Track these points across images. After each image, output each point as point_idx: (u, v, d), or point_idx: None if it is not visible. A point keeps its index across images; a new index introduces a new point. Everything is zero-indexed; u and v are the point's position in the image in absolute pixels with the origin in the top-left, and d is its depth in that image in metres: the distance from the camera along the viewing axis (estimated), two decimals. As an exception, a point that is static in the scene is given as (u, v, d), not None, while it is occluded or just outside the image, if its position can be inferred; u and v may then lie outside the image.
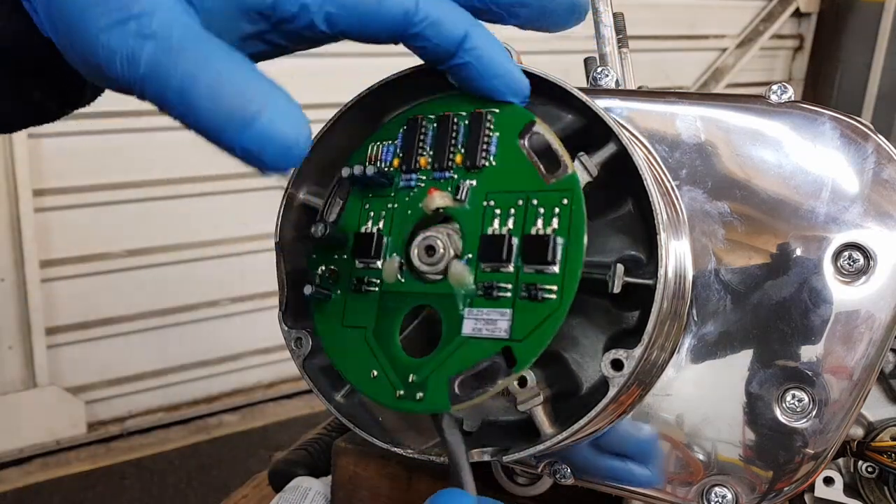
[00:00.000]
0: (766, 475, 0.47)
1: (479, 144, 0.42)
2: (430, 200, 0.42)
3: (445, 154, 0.43)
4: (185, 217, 2.23)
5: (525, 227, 0.40)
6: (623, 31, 0.60)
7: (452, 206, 0.42)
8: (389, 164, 0.44)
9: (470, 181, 0.42)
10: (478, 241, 0.41)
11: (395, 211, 0.44)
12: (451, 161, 0.43)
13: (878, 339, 0.46)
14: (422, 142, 0.44)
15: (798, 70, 3.28)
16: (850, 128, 0.47)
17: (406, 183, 0.44)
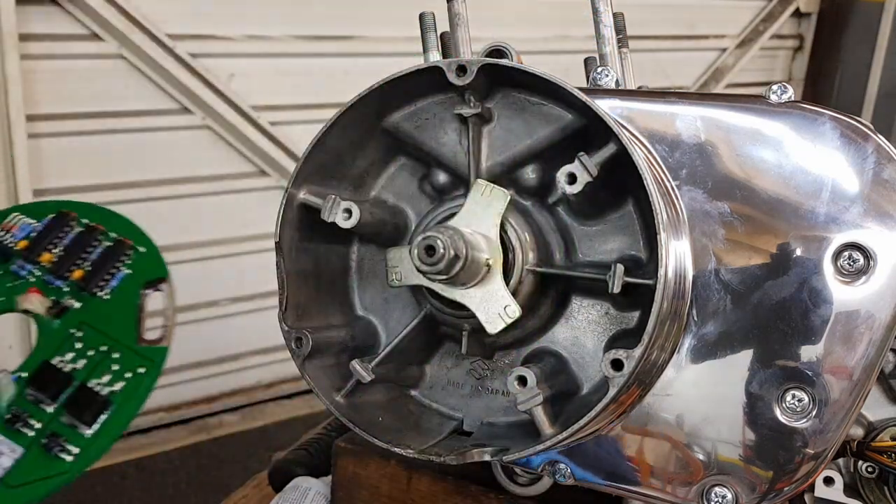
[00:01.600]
0: (766, 475, 0.47)
1: (102, 272, 0.43)
2: (26, 300, 0.42)
3: (69, 263, 0.43)
4: (185, 217, 2.22)
5: (91, 375, 0.41)
6: (623, 31, 0.60)
7: (42, 315, 0.42)
8: (16, 241, 0.45)
9: (75, 302, 0.42)
10: (42, 367, 0.41)
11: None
12: (69, 273, 0.43)
13: (878, 339, 0.46)
14: (57, 239, 0.44)
15: (798, 70, 3.28)
16: (850, 128, 0.47)
17: (18, 269, 0.44)
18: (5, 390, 0.40)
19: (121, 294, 0.42)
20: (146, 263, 0.42)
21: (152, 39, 1.98)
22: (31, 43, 1.85)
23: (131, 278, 0.42)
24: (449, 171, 0.51)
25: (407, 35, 2.16)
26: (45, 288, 0.42)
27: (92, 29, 1.92)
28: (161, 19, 1.99)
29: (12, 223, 0.44)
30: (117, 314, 0.41)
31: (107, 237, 0.43)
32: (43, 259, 0.43)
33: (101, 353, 0.40)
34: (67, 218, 0.43)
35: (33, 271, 0.43)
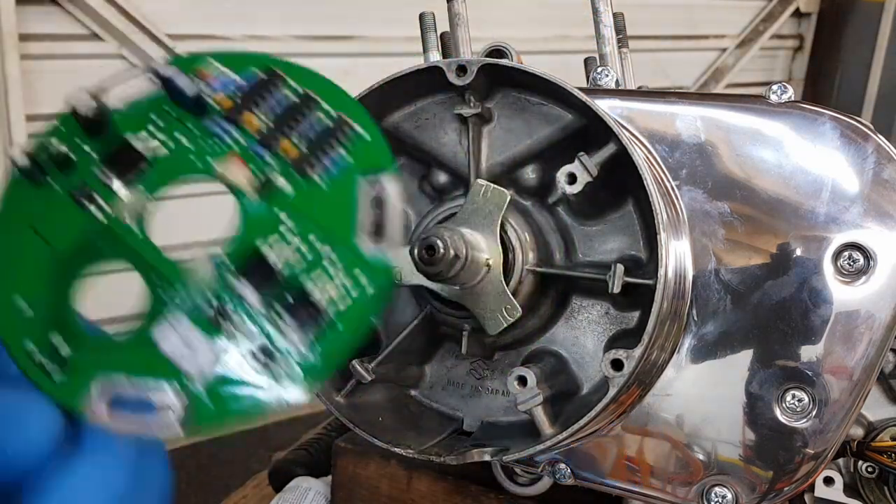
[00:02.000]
0: (766, 475, 0.47)
1: (323, 154, 0.33)
2: (228, 168, 0.34)
3: (281, 134, 0.34)
4: (185, 217, 2.22)
5: (303, 277, 0.32)
6: (623, 31, 0.60)
7: (245, 191, 0.34)
8: (214, 95, 0.35)
9: (285, 182, 0.33)
10: (246, 253, 0.33)
11: (180, 147, 0.35)
12: (279, 147, 0.34)
13: (878, 339, 0.46)
14: (265, 103, 0.35)
15: (798, 70, 3.28)
16: (850, 128, 0.47)
17: (216, 128, 0.35)
18: (201, 272, 0.33)
19: (340, 185, 0.33)
20: (369, 153, 0.33)
21: (152, 39, 1.98)
22: (31, 43, 1.85)
23: (352, 168, 0.33)
24: (449, 171, 0.51)
25: (407, 35, 2.16)
26: (249, 159, 0.34)
27: (92, 29, 1.92)
28: (161, 19, 1.99)
29: (207, 70, 0.35)
30: (335, 208, 0.33)
31: (326, 113, 0.34)
32: (248, 124, 0.35)
33: (315, 250, 0.32)
34: (277, 79, 0.35)
35: (235, 136, 0.35)
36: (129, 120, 0.35)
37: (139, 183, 0.34)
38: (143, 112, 0.35)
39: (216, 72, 0.35)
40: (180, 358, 0.31)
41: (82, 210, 0.34)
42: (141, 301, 0.33)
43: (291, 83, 0.34)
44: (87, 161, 0.35)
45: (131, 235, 0.34)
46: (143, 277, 0.34)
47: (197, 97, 0.35)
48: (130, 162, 0.35)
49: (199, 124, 0.35)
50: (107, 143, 0.35)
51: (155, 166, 0.35)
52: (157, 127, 0.35)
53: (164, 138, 0.35)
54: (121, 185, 0.34)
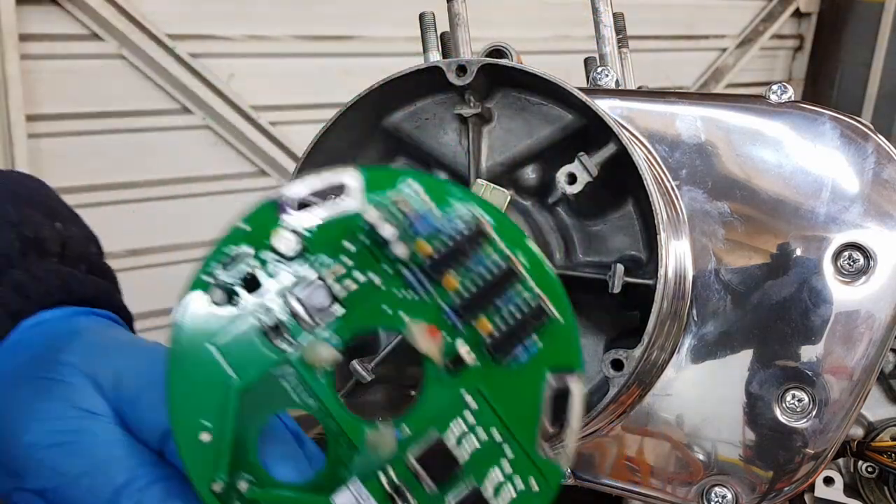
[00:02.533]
0: (766, 475, 0.47)
1: (517, 337, 0.31)
2: (420, 331, 0.31)
3: (481, 306, 0.31)
4: (185, 217, 2.22)
5: (479, 473, 0.30)
6: (623, 31, 0.60)
7: (435, 362, 0.31)
8: (412, 233, 0.31)
9: (476, 362, 0.31)
10: (428, 435, 0.31)
11: (372, 291, 0.31)
12: (474, 318, 0.31)
13: (878, 339, 0.46)
14: (468, 262, 0.31)
15: (798, 70, 3.28)
16: (850, 128, 0.47)
17: (412, 279, 0.31)
18: (385, 448, 0.31)
19: (527, 376, 0.31)
20: (560, 343, 0.31)
21: (152, 39, 1.98)
22: (31, 43, 1.86)
23: (541, 356, 0.31)
24: (449, 171, 0.51)
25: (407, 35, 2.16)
26: (443, 326, 0.31)
27: (92, 29, 1.92)
28: (161, 19, 2.00)
29: (408, 201, 0.31)
30: (520, 402, 0.31)
31: (529, 290, 0.31)
32: (448, 284, 0.31)
33: (492, 444, 0.31)
34: (483, 237, 0.31)
35: (432, 294, 0.31)
36: (323, 242, 0.31)
37: (328, 327, 0.31)
38: (337, 236, 0.31)
39: (417, 203, 0.31)
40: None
41: (268, 342, 0.31)
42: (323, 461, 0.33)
43: (498, 244, 0.31)
44: (280, 289, 0.31)
45: (319, 387, 0.32)
46: (325, 431, 0.33)
47: (400, 246, 0.31)
48: (325, 302, 0.32)
49: (396, 269, 0.31)
50: (300, 273, 0.31)
51: (346, 309, 0.31)
52: (349, 259, 0.31)
53: (357, 276, 0.31)
54: (309, 322, 0.31)
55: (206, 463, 0.31)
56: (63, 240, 0.48)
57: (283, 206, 0.31)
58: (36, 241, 0.46)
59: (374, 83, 0.48)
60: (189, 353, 0.31)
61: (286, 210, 0.31)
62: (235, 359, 0.31)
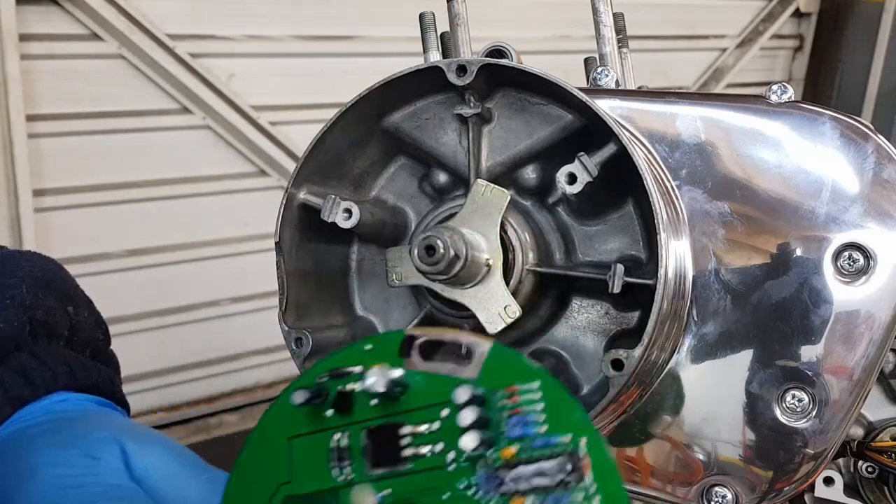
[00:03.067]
0: (766, 475, 0.47)
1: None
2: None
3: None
4: (185, 217, 2.23)
5: None
6: (623, 31, 0.60)
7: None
8: (504, 438, 0.28)
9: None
10: None
11: (442, 474, 0.30)
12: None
13: (878, 339, 0.46)
14: (549, 495, 0.27)
15: (798, 70, 3.28)
16: (850, 128, 0.47)
17: (482, 479, 0.29)
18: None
19: None
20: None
21: (152, 39, 1.98)
22: (31, 43, 1.86)
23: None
24: (449, 171, 0.51)
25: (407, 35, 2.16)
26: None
27: (92, 29, 1.92)
28: (161, 19, 2.00)
29: (522, 397, 0.28)
30: None
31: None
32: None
33: None
34: (576, 475, 0.27)
35: (493, 500, 0.28)
36: (423, 395, 0.30)
37: (384, 479, 0.30)
38: (437, 395, 0.30)
39: (530, 404, 0.28)
40: None
41: (329, 466, 0.31)
42: None
43: (588, 485, 0.27)
44: (363, 421, 0.30)
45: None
46: None
47: (488, 437, 0.28)
48: (391, 453, 0.30)
49: (474, 458, 0.29)
50: (389, 412, 0.30)
51: (406, 476, 0.30)
52: (437, 424, 0.29)
53: (435, 451, 0.29)
54: (371, 471, 0.30)
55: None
56: (73, 324, 0.48)
57: (411, 345, 0.30)
58: (47, 324, 0.46)
59: (374, 83, 0.47)
60: (271, 437, 0.31)
61: (411, 351, 0.30)
62: (301, 463, 0.31)
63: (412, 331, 0.31)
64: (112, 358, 0.52)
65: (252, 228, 2.36)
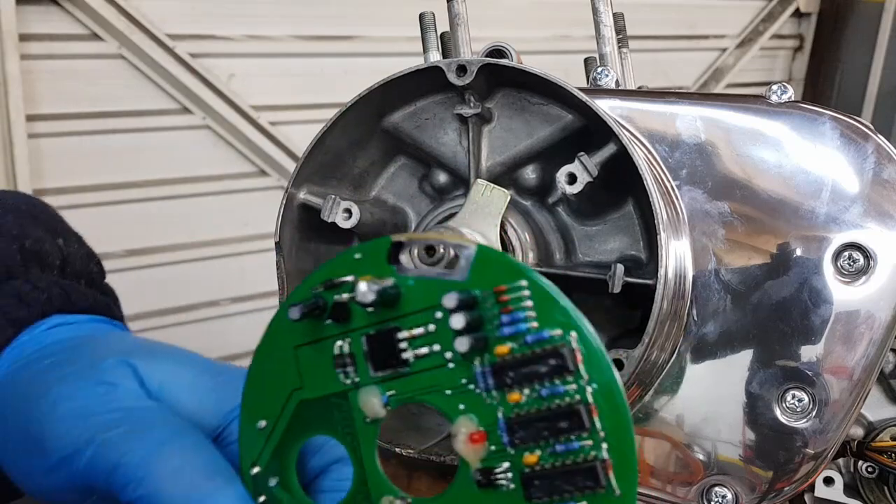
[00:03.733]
0: (766, 475, 0.47)
1: (559, 484, 0.29)
2: (467, 432, 0.30)
3: (537, 438, 0.29)
4: (185, 217, 2.22)
5: None
6: (623, 31, 0.60)
7: (470, 470, 0.31)
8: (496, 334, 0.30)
9: (510, 485, 0.30)
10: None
11: (440, 372, 0.31)
12: (525, 446, 0.29)
13: (878, 339, 0.46)
14: (542, 386, 0.29)
15: (798, 70, 3.28)
16: (851, 128, 0.47)
17: (479, 375, 0.30)
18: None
19: None
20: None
21: (152, 39, 1.98)
22: (31, 43, 1.86)
23: None
24: (449, 171, 0.51)
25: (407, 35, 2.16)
26: (492, 438, 0.30)
27: (92, 29, 1.92)
28: (161, 19, 2.00)
29: (510, 295, 0.29)
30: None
31: (596, 444, 0.28)
32: (512, 399, 0.29)
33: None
34: (569, 371, 0.28)
35: (492, 401, 0.30)
36: (416, 299, 0.30)
37: (386, 381, 0.31)
38: (428, 299, 0.30)
39: (517, 304, 0.29)
40: None
41: (338, 371, 0.32)
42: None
43: (583, 385, 0.28)
44: (361, 329, 0.31)
45: (363, 432, 0.32)
46: (354, 475, 0.32)
47: (481, 336, 0.29)
48: (391, 356, 0.31)
49: (470, 360, 0.30)
50: (384, 318, 0.31)
51: (408, 377, 0.31)
52: (433, 325, 0.30)
53: (433, 347, 0.30)
54: (374, 373, 0.31)
55: (255, 447, 0.33)
56: (64, 255, 0.48)
57: (397, 250, 0.31)
58: (37, 254, 0.46)
59: (374, 83, 0.48)
60: (277, 349, 0.33)
61: (399, 255, 0.31)
62: (309, 372, 0.32)
63: (398, 236, 0.31)
64: (109, 288, 0.51)
65: (252, 228, 2.36)
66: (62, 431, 0.34)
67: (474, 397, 0.30)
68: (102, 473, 0.33)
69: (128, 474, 0.32)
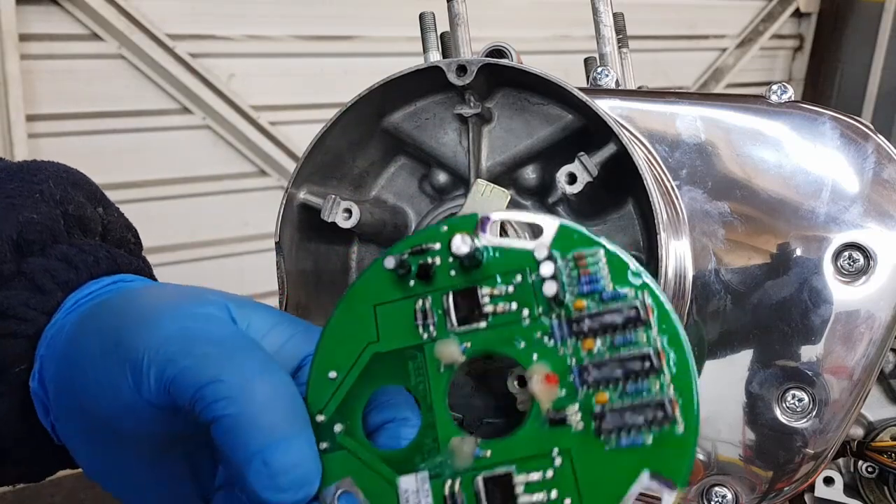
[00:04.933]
0: (766, 475, 0.47)
1: (630, 425, 0.31)
2: (537, 379, 0.32)
3: (609, 381, 0.31)
4: (185, 217, 2.23)
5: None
6: (623, 30, 0.60)
7: (540, 409, 0.32)
8: (574, 290, 0.33)
9: (580, 427, 0.31)
10: (504, 468, 0.32)
11: (516, 325, 0.33)
12: (595, 388, 0.32)
13: (878, 339, 0.46)
14: (617, 336, 0.32)
15: (798, 70, 3.28)
16: (850, 128, 0.47)
17: (555, 327, 0.33)
18: (461, 459, 0.33)
19: (622, 461, 0.31)
20: (670, 449, 0.31)
21: (152, 39, 1.98)
22: (31, 43, 1.86)
23: (645, 453, 0.31)
24: (449, 170, 0.51)
25: (407, 35, 2.16)
26: (564, 383, 0.32)
27: (92, 29, 1.92)
28: (161, 19, 2.00)
29: (588, 261, 0.33)
30: (603, 479, 0.31)
31: (662, 389, 0.31)
32: (585, 348, 0.32)
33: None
34: (642, 324, 0.31)
35: (567, 349, 0.32)
36: (498, 264, 0.34)
37: (465, 334, 0.34)
38: (510, 264, 0.34)
39: (595, 268, 0.33)
40: (404, 499, 0.33)
41: (416, 325, 0.34)
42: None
43: (654, 335, 0.32)
44: (443, 288, 0.34)
45: (436, 379, 0.34)
46: (422, 421, 0.35)
47: (557, 294, 0.32)
48: (472, 312, 0.34)
49: (546, 313, 0.33)
50: (466, 279, 0.34)
51: (488, 327, 0.34)
52: (510, 287, 0.34)
53: (511, 305, 0.34)
54: (454, 327, 0.34)
55: (323, 395, 0.35)
56: (104, 223, 0.48)
57: (483, 223, 0.34)
58: (80, 219, 0.46)
59: (374, 83, 0.47)
60: (357, 303, 0.35)
61: (483, 227, 0.34)
62: (387, 326, 0.35)
63: (485, 213, 0.35)
64: (146, 261, 0.51)
65: (252, 228, 2.36)
66: (160, 341, 0.34)
67: (547, 349, 0.33)
68: (193, 386, 0.33)
69: (223, 391, 0.32)
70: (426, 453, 0.34)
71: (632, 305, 0.32)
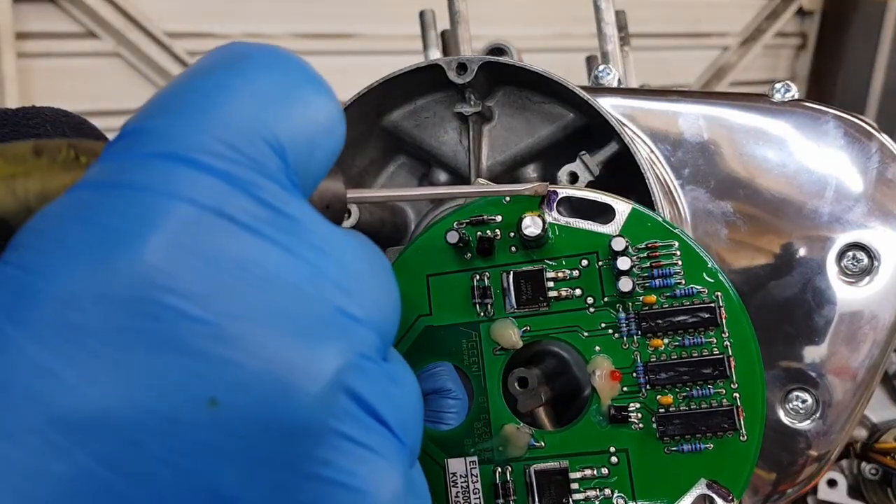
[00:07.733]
0: (769, 477, 0.47)
1: (700, 431, 0.31)
2: (600, 374, 0.32)
3: (669, 377, 0.31)
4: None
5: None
6: (625, 28, 0.60)
7: (601, 405, 0.32)
8: (644, 285, 0.32)
9: (638, 425, 0.31)
10: (558, 460, 0.32)
11: (580, 313, 0.32)
12: (661, 388, 0.31)
13: (882, 340, 0.45)
14: (683, 337, 0.31)
15: (801, 68, 3.28)
16: (854, 126, 0.47)
17: (622, 321, 0.32)
18: (515, 447, 0.32)
19: (681, 466, 0.31)
20: (731, 457, 0.31)
21: (149, 37, 1.97)
22: (27, 41, 1.85)
23: (705, 460, 0.31)
24: (449, 169, 0.51)
25: (407, 33, 2.15)
26: (627, 380, 0.31)
27: (89, 27, 1.91)
28: (158, 17, 1.99)
29: (661, 250, 0.32)
30: (658, 482, 0.30)
31: (729, 394, 0.31)
32: (653, 345, 0.31)
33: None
34: (715, 326, 0.31)
35: (632, 344, 0.31)
36: (564, 244, 0.33)
37: (525, 317, 0.33)
38: (578, 246, 0.32)
39: (669, 261, 0.32)
40: (452, 482, 0.32)
41: (472, 302, 0.33)
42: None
43: (725, 337, 0.31)
44: (503, 265, 0.33)
45: (490, 361, 0.33)
46: (475, 403, 0.33)
47: (630, 290, 0.31)
48: (535, 294, 0.32)
49: (611, 301, 0.32)
50: (527, 257, 0.33)
51: (546, 315, 0.32)
52: (577, 271, 0.32)
53: (575, 291, 0.32)
54: (514, 308, 0.32)
55: None
56: None
57: (551, 199, 0.33)
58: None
59: (373, 81, 0.47)
60: (410, 270, 0.33)
61: (551, 203, 0.33)
62: (440, 299, 0.33)
63: (554, 186, 0.33)
64: None
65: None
66: None
67: (611, 341, 0.32)
68: None
69: None
70: (477, 437, 0.33)
71: (706, 306, 0.31)
